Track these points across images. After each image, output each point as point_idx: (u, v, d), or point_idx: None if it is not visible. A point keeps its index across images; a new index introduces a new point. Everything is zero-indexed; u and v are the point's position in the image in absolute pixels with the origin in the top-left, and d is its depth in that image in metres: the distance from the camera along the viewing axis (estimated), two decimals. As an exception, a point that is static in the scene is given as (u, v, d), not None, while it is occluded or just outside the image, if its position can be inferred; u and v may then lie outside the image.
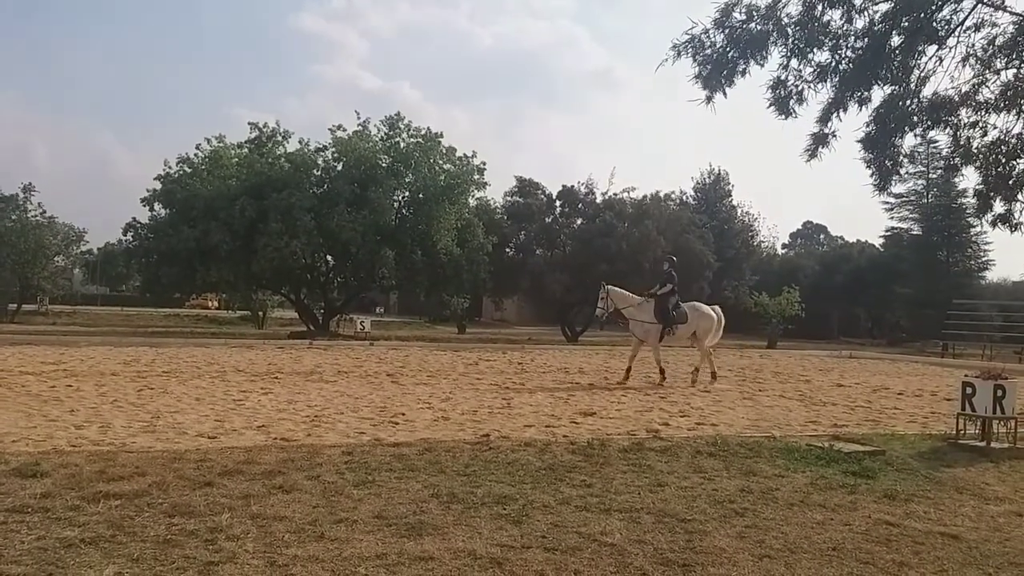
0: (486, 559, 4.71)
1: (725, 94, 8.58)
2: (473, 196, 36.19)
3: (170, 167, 33.40)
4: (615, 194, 39.51)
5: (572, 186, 40.03)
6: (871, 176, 9.84)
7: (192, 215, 30.91)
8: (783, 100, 8.70)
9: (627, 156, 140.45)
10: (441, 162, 34.30)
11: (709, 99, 8.58)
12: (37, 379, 13.41)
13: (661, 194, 42.76)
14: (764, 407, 12.72)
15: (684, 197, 54.45)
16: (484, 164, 35.08)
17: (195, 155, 33.74)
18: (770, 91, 8.75)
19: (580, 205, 40.15)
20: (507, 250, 39.41)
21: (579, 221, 40.49)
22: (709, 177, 56.90)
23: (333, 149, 33.70)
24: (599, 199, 39.73)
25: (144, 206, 33.33)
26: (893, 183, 10.40)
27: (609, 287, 17.37)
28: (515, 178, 40.73)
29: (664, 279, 16.80)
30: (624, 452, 8.06)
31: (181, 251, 30.49)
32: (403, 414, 10.60)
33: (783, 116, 8.77)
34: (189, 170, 33.30)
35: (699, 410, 11.99)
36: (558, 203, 40.44)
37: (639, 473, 7.17)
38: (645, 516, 5.79)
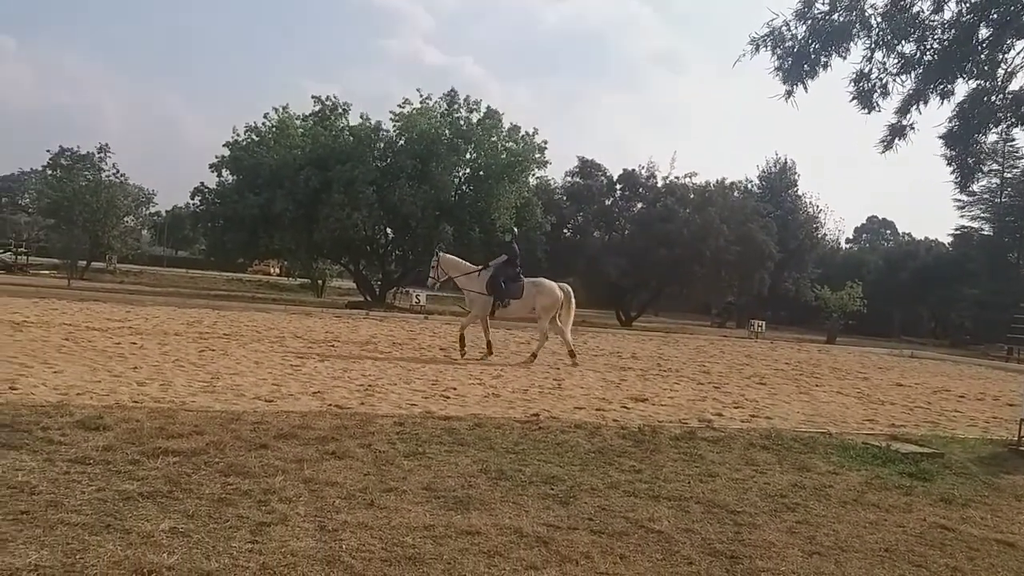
0: (532, 537, 4.73)
1: (806, 88, 8.37)
2: (534, 175, 36.13)
3: (238, 134, 33.99)
4: (677, 179, 39.11)
5: (633, 169, 39.79)
6: (951, 173, 9.52)
7: (258, 182, 31.43)
8: (866, 93, 8.47)
9: (688, 140, 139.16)
10: (503, 139, 34.27)
11: (789, 94, 8.38)
12: (103, 335, 13.79)
13: (726, 182, 42.19)
14: (821, 403, 12.51)
15: (748, 185, 53.63)
16: (546, 143, 34.97)
17: (262, 124, 34.24)
18: (852, 84, 8.51)
19: (641, 189, 39.88)
20: (564, 231, 39.32)
21: (639, 205, 40.25)
22: (775, 166, 56.01)
23: (396, 123, 33.88)
24: (660, 184, 39.36)
25: (212, 171, 34.04)
26: (975, 180, 10.06)
27: (442, 254, 16.70)
28: (577, 158, 40.59)
29: (503, 251, 16.30)
30: (675, 440, 8.00)
31: (246, 217, 31.04)
32: (454, 388, 10.66)
33: (866, 110, 8.54)
34: (256, 138, 33.81)
35: (754, 402, 11.84)
36: (618, 186, 40.19)
37: (690, 462, 7.11)
38: (694, 505, 5.75)
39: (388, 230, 35.30)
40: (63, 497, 4.68)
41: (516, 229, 17.98)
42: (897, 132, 9.06)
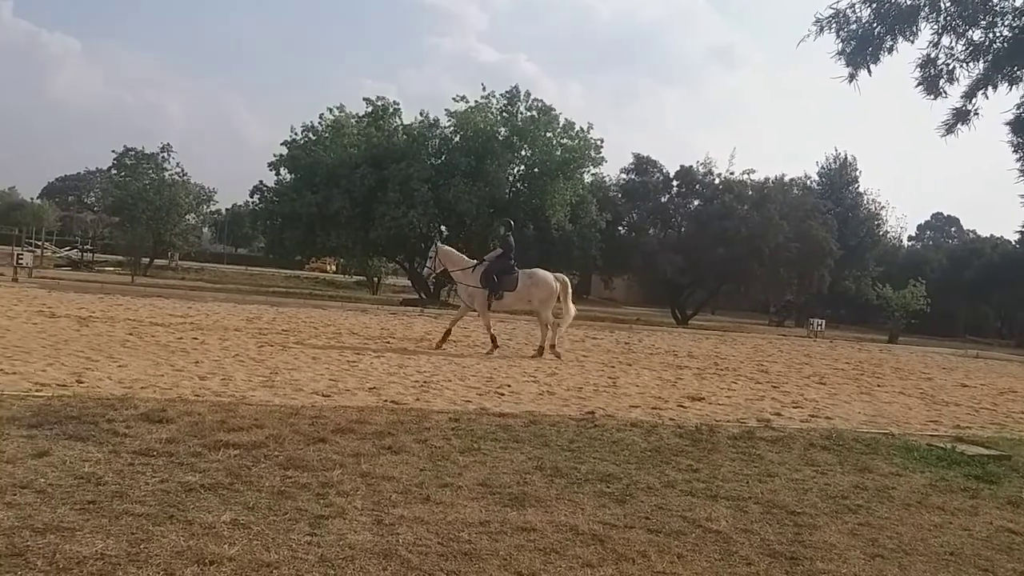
0: (588, 535, 4.70)
1: (870, 71, 8.16)
2: (588, 172, 36.00)
3: (296, 133, 34.48)
4: (734, 175, 38.60)
5: (690, 166, 39.38)
6: (1016, 161, 9.19)
7: (315, 181, 31.87)
8: (933, 79, 8.22)
9: (745, 136, 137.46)
10: (558, 136, 34.21)
11: (852, 77, 8.18)
12: (166, 330, 14.10)
13: (785, 178, 41.54)
14: (882, 403, 12.25)
15: (808, 181, 52.68)
16: (601, 140, 34.83)
17: (319, 123, 34.68)
18: (919, 69, 8.27)
19: (697, 186, 39.45)
20: (619, 228, 39.10)
21: (696, 202, 39.84)
22: (835, 162, 54.90)
23: (452, 121, 34.04)
24: (718, 180, 38.90)
25: (271, 170, 34.59)
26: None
27: (440, 246, 16.59)
28: (632, 155, 40.32)
29: (499, 244, 16.11)
30: (733, 439, 7.90)
31: (303, 215, 31.49)
32: (508, 385, 10.67)
33: (932, 96, 8.29)
34: (313, 137, 34.27)
35: (813, 402, 11.64)
36: (675, 183, 39.81)
37: (748, 462, 7.01)
38: (753, 506, 5.66)
39: (443, 228, 35.52)
40: (128, 488, 4.78)
41: (512, 222, 17.81)
42: (961, 117, 8.77)
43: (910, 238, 75.96)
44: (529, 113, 33.95)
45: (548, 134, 33.92)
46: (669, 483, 6.04)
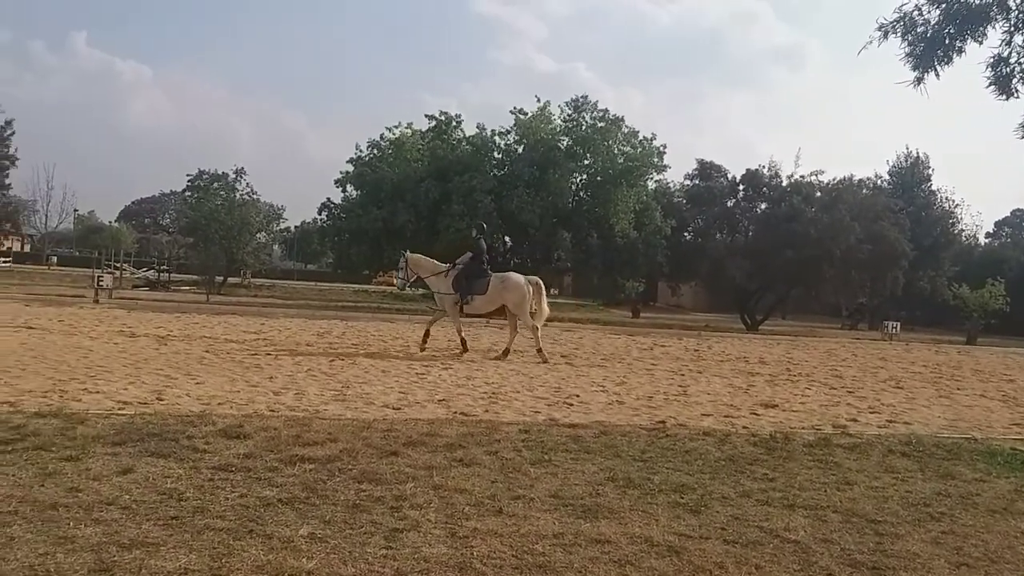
0: (663, 547, 4.65)
1: (938, 75, 7.96)
2: (652, 179, 35.79)
3: (361, 150, 35.03)
4: (802, 177, 37.94)
5: (756, 169, 38.83)
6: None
7: (380, 196, 32.32)
8: (1005, 79, 7.98)
9: (811, 137, 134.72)
10: (621, 144, 34.09)
11: (919, 80, 7.99)
12: (240, 347, 14.42)
13: (854, 178, 40.67)
14: (963, 407, 11.88)
15: (878, 181, 51.43)
16: (664, 147, 34.61)
17: (383, 139, 35.18)
18: (990, 69, 8.04)
19: (764, 189, 38.87)
20: (685, 234, 38.76)
21: (763, 205, 39.24)
22: (906, 160, 53.52)
23: (513, 132, 34.19)
24: (784, 182, 38.27)
25: (337, 187, 35.21)
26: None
27: (409, 255, 16.59)
28: (696, 161, 39.97)
29: (470, 248, 16.15)
30: (809, 447, 7.75)
31: (370, 230, 31.95)
32: (577, 396, 10.64)
33: (1004, 96, 8.05)
34: (378, 153, 34.77)
35: (890, 407, 11.35)
36: (740, 187, 39.30)
37: (825, 469, 6.87)
38: (831, 515, 5.54)
39: (506, 238, 35.58)
40: (208, 503, 4.90)
41: (484, 225, 17.89)
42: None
43: (987, 235, 73.51)
44: (594, 123, 33.92)
45: (610, 142, 33.82)
46: (744, 493, 5.95)
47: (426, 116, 35.58)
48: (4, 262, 59.74)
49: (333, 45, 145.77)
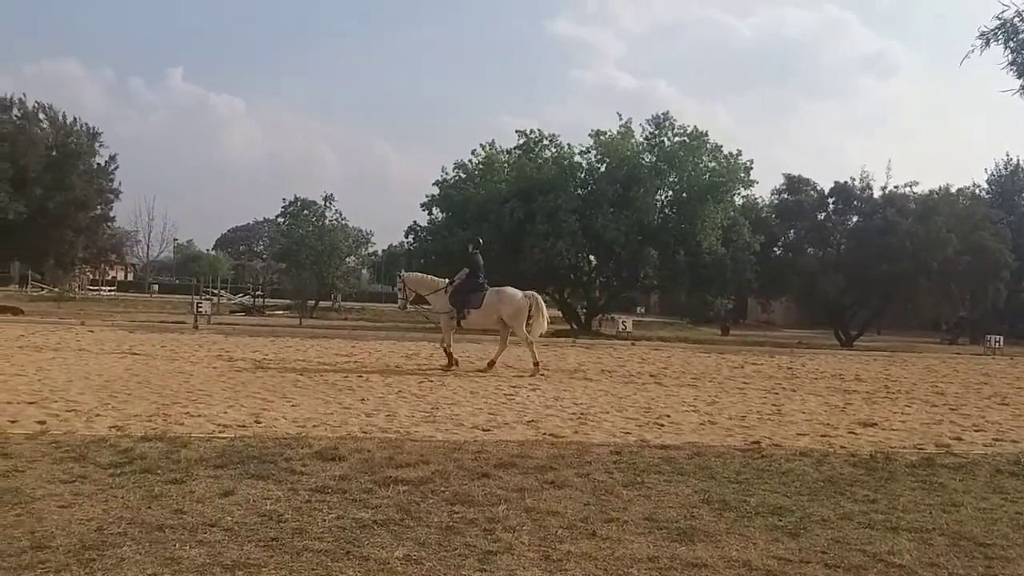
0: (762, 571, 4.54)
1: (1044, 82, 7.67)
2: (739, 194, 35.25)
3: (447, 173, 35.51)
4: (895, 188, 36.85)
5: (846, 182, 37.90)
6: None
7: (466, 217, 32.66)
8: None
9: (902, 146, 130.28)
10: (706, 160, 33.73)
11: (1024, 88, 7.71)
12: (333, 370, 14.72)
13: (951, 188, 39.29)
14: (1078, 425, 11.28)
15: (976, 190, 49.47)
16: (751, 162, 34.13)
17: (469, 160, 35.58)
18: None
19: (855, 201, 37.89)
20: (775, 249, 38.02)
21: (855, 218, 38.24)
22: (1005, 168, 51.36)
23: (596, 151, 34.17)
24: (877, 194, 37.23)
25: (423, 210, 35.76)
26: None
27: (406, 274, 17.05)
28: (783, 175, 39.25)
29: (466, 263, 16.18)
30: (912, 467, 7.47)
31: (456, 252, 32.19)
32: (668, 416, 10.49)
33: (1110, 102, 7.72)
34: (463, 175, 35.18)
35: (996, 424, 10.86)
36: (830, 200, 38.41)
37: (929, 491, 6.61)
38: (937, 537, 5.32)
39: (591, 257, 35.53)
40: (306, 524, 4.99)
41: (480, 239, 17.90)
42: None
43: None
44: (678, 138, 33.68)
45: (695, 158, 33.49)
46: (845, 515, 5.77)
47: (517, 132, 35.74)
48: (109, 291, 62.35)
49: (417, 72, 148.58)
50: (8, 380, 11.31)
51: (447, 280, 16.36)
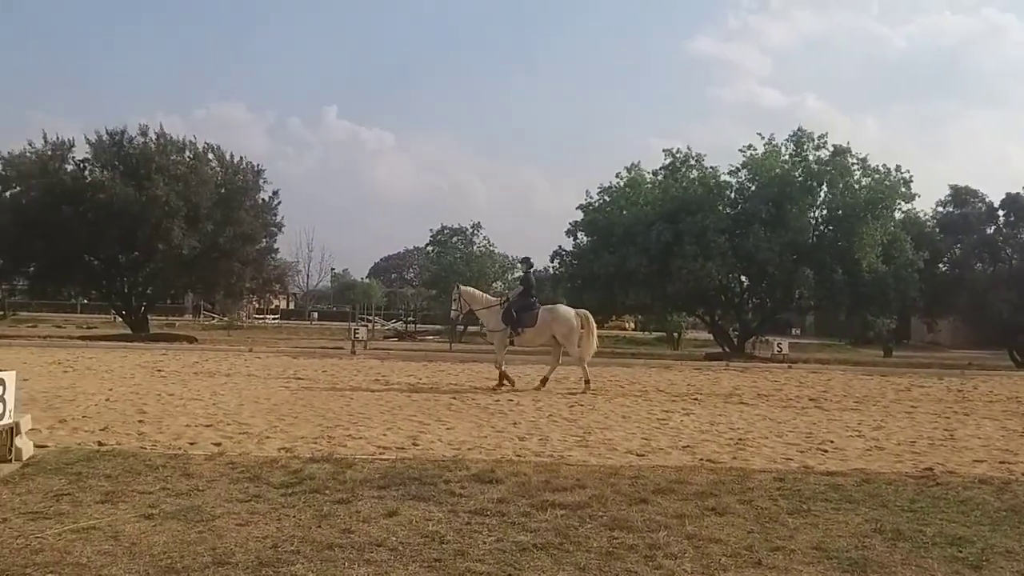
0: (944, 606, 4.28)
1: None
2: (900, 209, 33.57)
3: (591, 196, 35.53)
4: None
5: (1018, 192, 35.47)
6: None
7: (612, 241, 32.53)
8: None
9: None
10: (858, 175, 32.41)
11: None
12: (483, 393, 14.95)
13: None
14: None
15: None
16: (910, 174, 32.52)
17: (614, 183, 35.48)
18: None
19: (1030, 213, 35.42)
20: (940, 266, 35.98)
21: (1028, 231, 35.73)
22: None
23: (745, 169, 33.41)
24: (1055, 205, 34.69)
25: (568, 236, 35.89)
26: None
27: (463, 288, 17.31)
28: (948, 187, 37.19)
29: (520, 282, 16.13)
30: (1110, 499, 6.86)
31: (602, 276, 32.18)
32: (831, 441, 10.09)
33: None
34: (608, 199, 35.10)
35: None
36: (1000, 212, 36.07)
37: None
38: None
39: (743, 278, 34.63)
40: (467, 547, 5.07)
41: (531, 259, 17.59)
42: None
43: None
44: (819, 153, 32.56)
45: (845, 174, 32.20)
46: (1034, 548, 5.36)
47: (664, 151, 35.35)
48: (273, 319, 65.62)
49: (559, 100, 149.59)
50: (186, 404, 12.09)
51: (503, 297, 16.93)
